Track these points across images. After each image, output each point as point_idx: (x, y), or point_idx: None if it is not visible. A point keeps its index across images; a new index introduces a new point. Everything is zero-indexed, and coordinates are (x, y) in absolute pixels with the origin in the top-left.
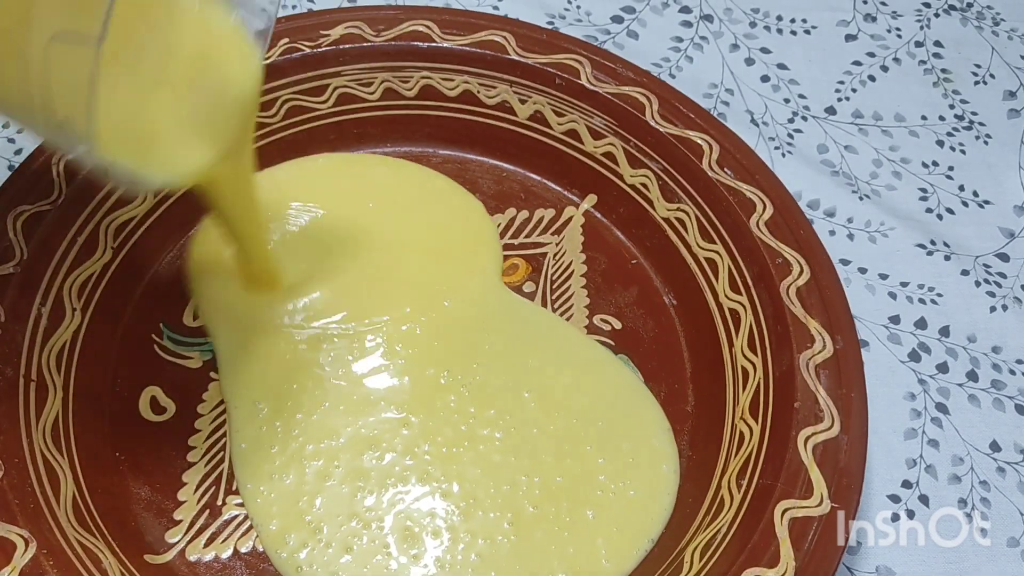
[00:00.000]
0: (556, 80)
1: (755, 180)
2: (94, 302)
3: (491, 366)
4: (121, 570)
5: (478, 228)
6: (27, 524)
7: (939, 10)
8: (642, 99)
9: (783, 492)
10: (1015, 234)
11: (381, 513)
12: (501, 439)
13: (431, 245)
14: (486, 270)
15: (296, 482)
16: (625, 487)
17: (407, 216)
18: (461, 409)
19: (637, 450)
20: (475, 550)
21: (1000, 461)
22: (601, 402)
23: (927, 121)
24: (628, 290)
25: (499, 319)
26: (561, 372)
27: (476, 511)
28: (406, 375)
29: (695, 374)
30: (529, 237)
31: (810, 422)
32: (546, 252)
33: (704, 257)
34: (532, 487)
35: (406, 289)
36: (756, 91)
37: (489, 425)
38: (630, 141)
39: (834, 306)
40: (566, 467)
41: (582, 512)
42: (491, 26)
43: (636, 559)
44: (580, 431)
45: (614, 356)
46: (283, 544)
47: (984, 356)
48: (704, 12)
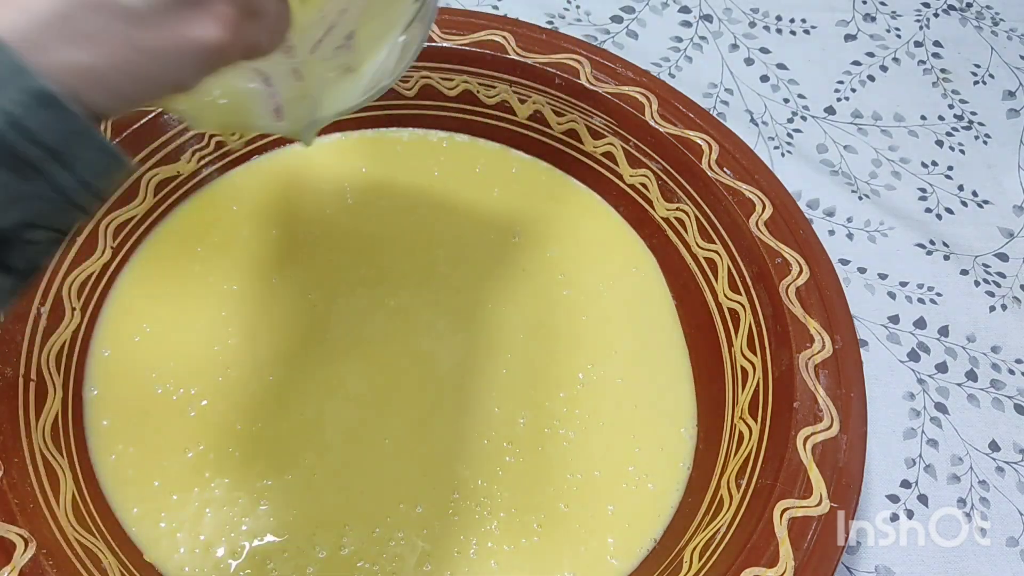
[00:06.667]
0: (556, 80)
1: (754, 180)
2: (93, 302)
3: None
4: (121, 570)
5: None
6: (27, 524)
7: (938, 10)
8: (642, 99)
9: (782, 492)
10: (1014, 234)
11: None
12: (564, 434)
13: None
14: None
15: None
16: (646, 479)
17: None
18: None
19: (665, 440)
20: (495, 557)
21: (999, 461)
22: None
23: (926, 121)
24: None
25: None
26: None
27: (516, 517)
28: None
29: (694, 374)
30: None
31: (809, 422)
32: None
33: (704, 257)
34: (573, 483)
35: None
36: (755, 91)
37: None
38: (630, 141)
39: (833, 306)
40: (608, 458)
41: (604, 507)
42: (491, 26)
43: (640, 557)
44: (625, 419)
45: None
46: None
47: (983, 356)
48: (703, 12)
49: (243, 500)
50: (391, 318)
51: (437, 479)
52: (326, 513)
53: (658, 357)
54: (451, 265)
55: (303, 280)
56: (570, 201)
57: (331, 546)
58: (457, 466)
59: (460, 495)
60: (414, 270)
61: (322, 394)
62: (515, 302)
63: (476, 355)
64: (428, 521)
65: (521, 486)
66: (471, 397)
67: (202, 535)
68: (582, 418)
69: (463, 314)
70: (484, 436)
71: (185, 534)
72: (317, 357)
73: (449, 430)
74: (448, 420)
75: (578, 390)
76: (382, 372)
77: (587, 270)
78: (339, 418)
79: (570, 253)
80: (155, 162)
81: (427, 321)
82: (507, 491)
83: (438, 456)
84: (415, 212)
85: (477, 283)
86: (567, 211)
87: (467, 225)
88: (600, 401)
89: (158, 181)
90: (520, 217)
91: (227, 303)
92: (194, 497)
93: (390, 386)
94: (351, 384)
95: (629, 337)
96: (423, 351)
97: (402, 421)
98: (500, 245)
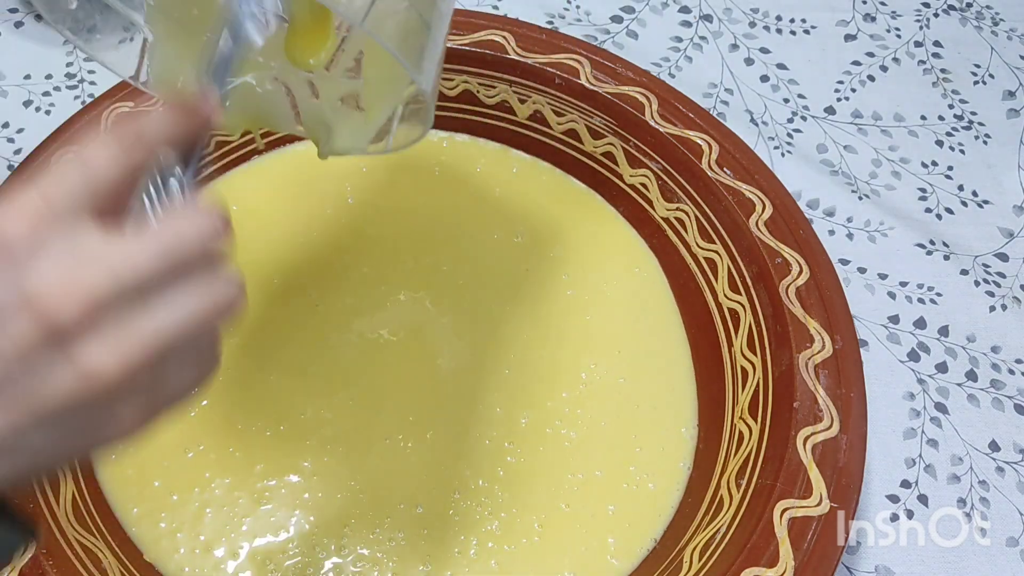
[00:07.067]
0: (556, 80)
1: (754, 180)
2: None
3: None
4: (121, 570)
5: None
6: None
7: (938, 10)
8: (642, 99)
9: (782, 492)
10: (1014, 234)
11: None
12: (565, 434)
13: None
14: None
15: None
16: (647, 479)
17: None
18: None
19: (666, 440)
20: (496, 557)
21: (999, 461)
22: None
23: (926, 121)
24: None
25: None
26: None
27: (517, 517)
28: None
29: (694, 374)
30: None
31: (809, 422)
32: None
33: (704, 257)
34: (574, 483)
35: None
36: (755, 91)
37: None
38: (630, 141)
39: (833, 306)
40: (609, 458)
41: (604, 507)
42: (491, 26)
43: (640, 557)
44: (627, 419)
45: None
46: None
47: (983, 356)
48: (703, 12)
49: (243, 500)
50: (393, 318)
51: (438, 479)
52: (326, 513)
53: (661, 357)
54: (453, 265)
55: (304, 280)
56: (571, 201)
57: (331, 546)
58: (458, 466)
59: (461, 495)
60: (416, 270)
61: (323, 394)
62: (518, 302)
63: (478, 354)
64: (429, 521)
65: (522, 486)
66: (473, 397)
67: (202, 535)
68: (584, 418)
69: (465, 314)
70: (485, 436)
71: (185, 534)
72: (318, 357)
73: (450, 430)
74: (449, 420)
75: (581, 390)
76: (383, 372)
77: (591, 270)
78: (339, 418)
79: (573, 253)
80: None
81: (429, 321)
82: (508, 491)
83: (439, 456)
84: (416, 212)
85: (480, 283)
86: (568, 211)
87: (469, 225)
88: (603, 401)
89: None
90: (522, 217)
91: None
92: (194, 497)
93: (391, 386)
94: (352, 384)
95: (633, 337)
96: (425, 351)
97: (403, 421)
98: (503, 245)
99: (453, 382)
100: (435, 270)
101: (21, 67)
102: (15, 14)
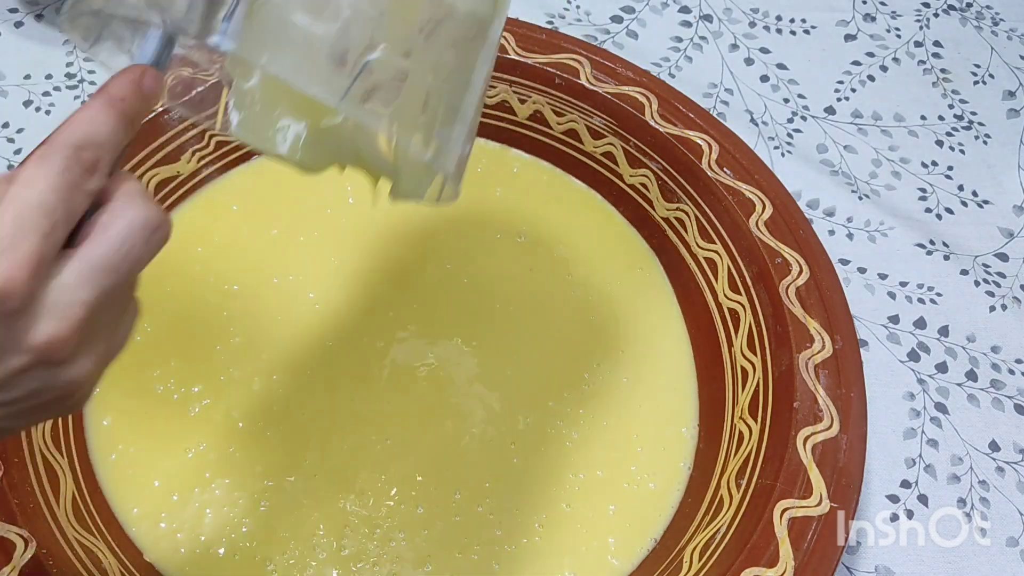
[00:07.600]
0: (556, 80)
1: (754, 180)
2: None
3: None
4: (121, 570)
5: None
6: (27, 524)
7: (938, 10)
8: (642, 99)
9: (782, 492)
10: (1014, 234)
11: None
12: (567, 434)
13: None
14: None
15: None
16: (648, 478)
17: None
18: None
19: (667, 440)
20: (497, 558)
21: (999, 461)
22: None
23: (926, 121)
24: None
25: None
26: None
27: (518, 517)
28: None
29: (695, 374)
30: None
31: (809, 422)
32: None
33: (704, 257)
34: (576, 483)
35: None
36: (755, 91)
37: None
38: (630, 141)
39: (833, 306)
40: (611, 458)
41: (606, 507)
42: None
43: (640, 557)
44: (628, 418)
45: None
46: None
47: (983, 356)
48: (703, 12)
49: (243, 500)
50: (394, 318)
51: (439, 479)
52: (327, 513)
53: (662, 357)
54: (456, 264)
55: (304, 280)
56: (571, 201)
57: (332, 546)
58: (459, 466)
59: (462, 495)
60: (417, 270)
61: (323, 394)
62: (522, 302)
63: (481, 354)
64: (429, 521)
65: (524, 486)
66: (475, 397)
67: (202, 535)
68: (586, 418)
69: (468, 313)
70: (487, 435)
71: (185, 534)
72: (319, 357)
73: (452, 430)
74: (451, 420)
75: (584, 390)
76: (384, 372)
77: (594, 270)
78: (340, 418)
79: (576, 253)
80: (155, 162)
81: (431, 320)
82: (509, 491)
83: (440, 456)
84: (417, 211)
85: (483, 282)
86: (569, 211)
87: (471, 225)
88: (605, 401)
89: (158, 181)
90: (524, 217)
91: (228, 303)
92: (194, 497)
93: (392, 386)
94: (352, 384)
95: (635, 337)
96: (427, 350)
97: (404, 421)
98: (506, 245)
99: (455, 381)
100: (437, 269)
101: (21, 67)
102: (15, 14)
